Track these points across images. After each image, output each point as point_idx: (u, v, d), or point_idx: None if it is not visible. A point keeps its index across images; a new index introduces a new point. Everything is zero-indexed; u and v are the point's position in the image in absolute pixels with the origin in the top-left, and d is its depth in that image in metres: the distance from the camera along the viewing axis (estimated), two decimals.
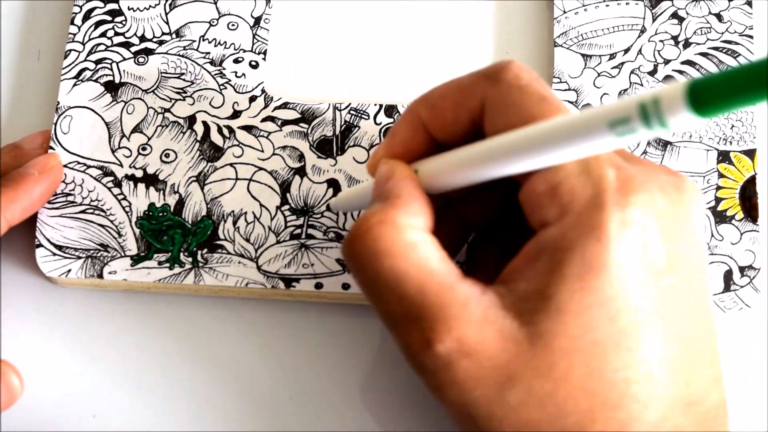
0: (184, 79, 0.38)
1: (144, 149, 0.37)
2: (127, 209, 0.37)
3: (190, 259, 0.36)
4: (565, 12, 0.39)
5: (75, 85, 0.38)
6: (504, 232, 0.32)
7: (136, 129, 0.38)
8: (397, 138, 0.31)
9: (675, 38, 0.38)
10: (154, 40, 0.39)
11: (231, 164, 0.37)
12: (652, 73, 0.38)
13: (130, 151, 0.37)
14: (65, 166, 0.37)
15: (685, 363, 0.27)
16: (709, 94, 0.21)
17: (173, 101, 0.38)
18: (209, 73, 0.38)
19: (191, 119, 0.38)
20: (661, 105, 0.22)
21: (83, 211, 0.37)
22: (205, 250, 0.36)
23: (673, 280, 0.27)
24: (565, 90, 0.38)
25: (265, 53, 0.39)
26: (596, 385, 0.26)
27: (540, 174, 0.27)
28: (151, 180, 0.37)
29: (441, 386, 0.27)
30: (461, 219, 0.33)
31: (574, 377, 0.26)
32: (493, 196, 0.32)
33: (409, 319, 0.27)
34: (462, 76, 0.30)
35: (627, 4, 0.39)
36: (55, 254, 0.36)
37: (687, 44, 0.38)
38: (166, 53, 0.39)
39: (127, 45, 0.39)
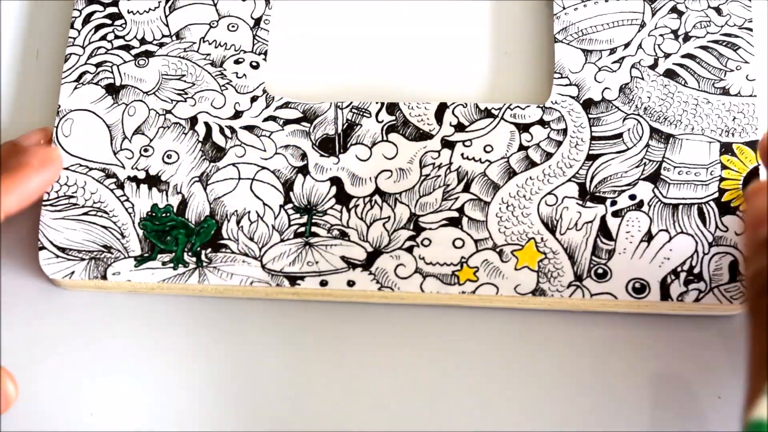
0: (185, 81, 0.38)
1: (146, 151, 0.37)
2: (130, 210, 0.37)
3: (194, 259, 0.36)
4: (564, 8, 0.39)
5: (76, 88, 0.38)
6: None
7: (138, 131, 0.38)
8: None
9: (675, 32, 0.38)
10: (155, 42, 0.39)
11: (233, 164, 0.37)
12: (653, 66, 0.38)
13: (132, 152, 0.37)
14: (67, 168, 0.37)
15: None
16: None
17: (174, 103, 0.38)
18: (210, 74, 0.38)
19: (193, 120, 0.38)
20: None
21: (86, 213, 0.36)
22: (209, 250, 0.36)
23: None
24: (567, 85, 0.38)
25: (265, 53, 0.39)
26: None
27: None
28: (153, 181, 0.37)
29: None
30: None
31: None
32: None
33: None
34: None
35: None
36: (58, 256, 0.36)
37: (687, 38, 0.38)
38: (166, 55, 0.39)
39: (127, 48, 0.39)
